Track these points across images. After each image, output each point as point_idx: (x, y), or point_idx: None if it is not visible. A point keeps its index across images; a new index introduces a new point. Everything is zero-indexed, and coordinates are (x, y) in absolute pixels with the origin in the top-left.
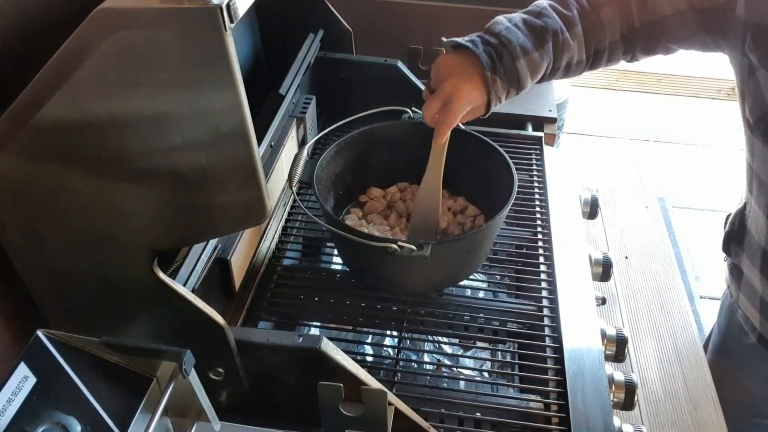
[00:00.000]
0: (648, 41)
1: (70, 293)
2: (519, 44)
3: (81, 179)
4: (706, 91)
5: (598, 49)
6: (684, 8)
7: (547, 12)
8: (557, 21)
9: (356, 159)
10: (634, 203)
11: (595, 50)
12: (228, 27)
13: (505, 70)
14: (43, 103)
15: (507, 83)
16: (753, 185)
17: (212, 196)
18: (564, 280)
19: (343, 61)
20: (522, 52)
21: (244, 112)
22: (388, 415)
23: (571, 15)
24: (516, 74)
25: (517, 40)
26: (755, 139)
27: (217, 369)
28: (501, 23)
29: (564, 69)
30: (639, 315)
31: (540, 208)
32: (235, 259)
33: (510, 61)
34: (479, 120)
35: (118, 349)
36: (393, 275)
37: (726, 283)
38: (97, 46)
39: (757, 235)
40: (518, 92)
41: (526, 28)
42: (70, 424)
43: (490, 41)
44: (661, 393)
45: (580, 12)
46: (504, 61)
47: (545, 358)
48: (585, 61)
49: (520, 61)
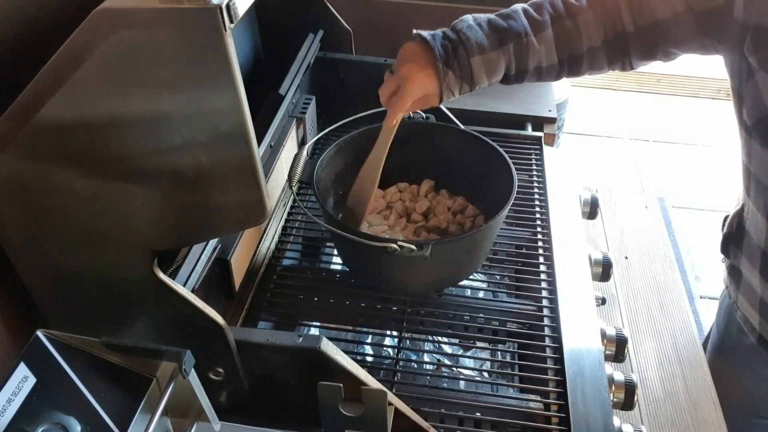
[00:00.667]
0: (645, 46)
1: (70, 293)
2: (476, 42)
3: (81, 179)
4: (706, 91)
5: (574, 54)
6: (681, 10)
7: (516, 15)
8: (523, 24)
9: (356, 159)
10: (633, 203)
11: (569, 55)
12: (228, 27)
13: (459, 64)
14: (43, 103)
15: (460, 78)
16: (751, 187)
17: (212, 196)
18: (564, 280)
19: (343, 61)
20: (478, 50)
21: (244, 113)
22: (388, 415)
23: (542, 19)
24: (469, 70)
25: (476, 37)
26: (753, 141)
27: (217, 369)
28: (465, 21)
29: (534, 72)
30: (639, 315)
31: (540, 208)
32: (235, 259)
33: (464, 57)
34: (479, 120)
35: (118, 349)
36: (393, 275)
37: (724, 283)
38: (96, 47)
39: (756, 236)
40: (472, 88)
41: (488, 27)
42: (70, 425)
43: (449, 36)
44: (660, 393)
45: (553, 17)
46: (458, 56)
47: (545, 358)
48: (558, 66)
49: (475, 58)
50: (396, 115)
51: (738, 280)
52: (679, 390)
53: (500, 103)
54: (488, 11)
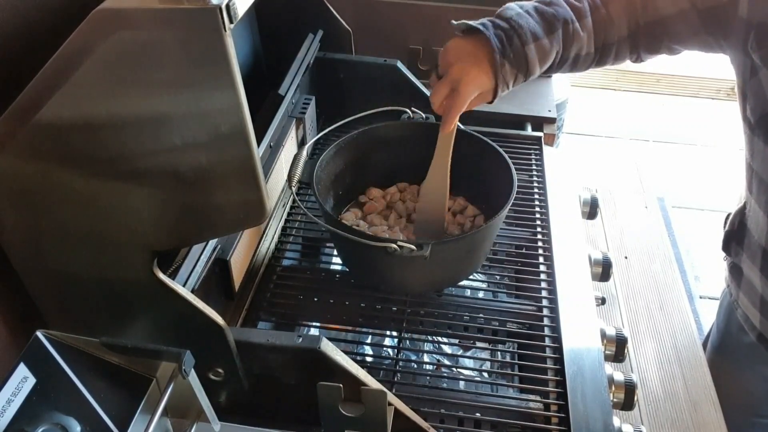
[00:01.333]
0: (651, 41)
1: (70, 293)
2: (530, 29)
3: (81, 180)
4: (706, 91)
5: (607, 43)
6: (686, 8)
7: (558, 2)
8: (568, 11)
9: (356, 159)
10: (633, 203)
11: (603, 44)
12: (227, 27)
13: (515, 54)
14: (43, 103)
15: (516, 68)
16: (753, 185)
17: (212, 196)
18: (564, 280)
19: (343, 61)
20: (532, 38)
21: (244, 113)
22: (388, 415)
23: (582, 6)
24: (525, 59)
25: (528, 25)
26: (756, 138)
27: (217, 369)
28: (512, 9)
29: (572, 61)
30: (638, 315)
31: (539, 208)
32: (234, 259)
33: (519, 46)
34: (479, 120)
35: (117, 349)
36: (393, 275)
37: (725, 282)
38: (96, 47)
39: (758, 234)
40: (526, 78)
41: (537, 14)
42: (70, 425)
43: (500, 25)
44: (660, 393)
45: (591, 5)
46: (514, 46)
47: (545, 359)
48: (593, 55)
49: (530, 46)
50: (454, 119)
51: (739, 278)
52: (678, 390)
53: (500, 103)
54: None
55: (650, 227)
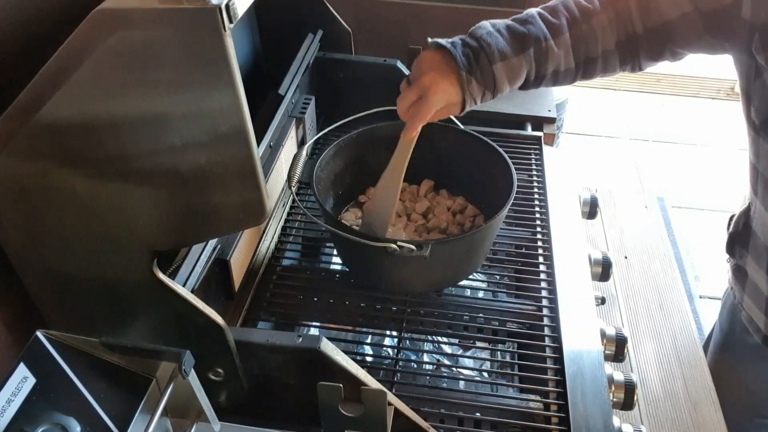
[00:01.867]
0: (653, 46)
1: (70, 294)
2: (498, 48)
3: (80, 180)
4: (706, 90)
5: (589, 57)
6: (689, 11)
7: (533, 20)
8: (542, 28)
9: (355, 159)
10: (633, 203)
11: (585, 59)
12: (227, 27)
13: (482, 72)
14: (43, 103)
15: (483, 85)
16: (758, 186)
17: (211, 196)
18: (563, 280)
19: (343, 61)
20: (500, 57)
21: (244, 113)
22: (388, 415)
23: (559, 23)
24: (492, 77)
25: (497, 44)
26: (761, 140)
27: (217, 369)
28: (484, 27)
29: (551, 77)
30: (638, 315)
31: (539, 208)
32: (234, 259)
33: (487, 64)
34: (478, 120)
35: (117, 349)
36: (392, 275)
37: (729, 284)
38: (96, 47)
39: (763, 236)
40: (494, 95)
41: (508, 33)
42: (70, 425)
43: (469, 44)
44: (660, 393)
45: (569, 21)
46: (480, 64)
47: (545, 358)
48: (575, 70)
49: (497, 65)
50: (417, 126)
51: (743, 281)
52: (678, 390)
53: (500, 103)
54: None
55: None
